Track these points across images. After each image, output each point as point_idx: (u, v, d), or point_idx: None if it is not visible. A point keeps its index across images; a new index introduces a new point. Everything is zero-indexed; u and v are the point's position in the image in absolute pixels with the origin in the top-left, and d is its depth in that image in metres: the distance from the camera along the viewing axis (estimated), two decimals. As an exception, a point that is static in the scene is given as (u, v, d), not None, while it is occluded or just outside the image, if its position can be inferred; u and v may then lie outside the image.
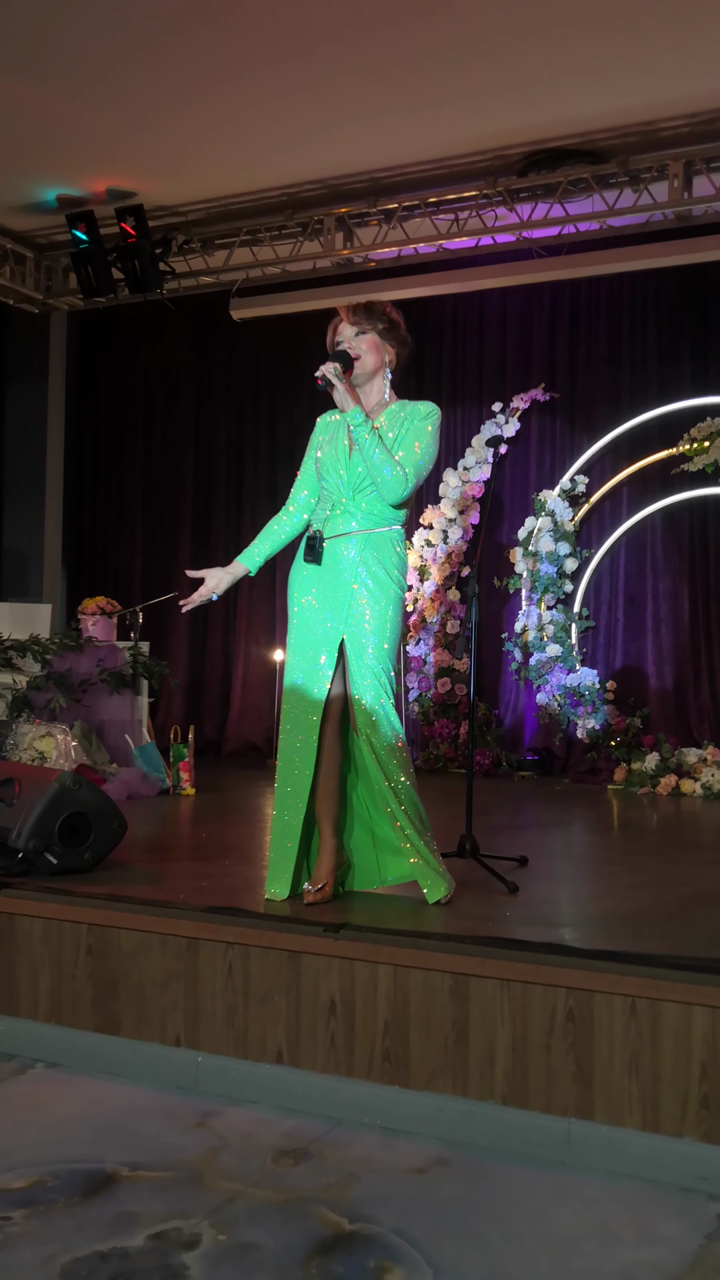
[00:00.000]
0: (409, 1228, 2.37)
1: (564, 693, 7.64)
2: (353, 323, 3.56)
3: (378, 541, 3.52)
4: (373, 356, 3.55)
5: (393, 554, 3.54)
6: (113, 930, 3.32)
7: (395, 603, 3.53)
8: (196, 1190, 2.52)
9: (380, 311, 3.59)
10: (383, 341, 3.57)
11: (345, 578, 3.50)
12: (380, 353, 3.57)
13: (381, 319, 3.58)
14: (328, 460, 3.57)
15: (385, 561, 3.52)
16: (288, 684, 3.58)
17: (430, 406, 3.56)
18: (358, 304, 3.63)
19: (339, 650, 3.51)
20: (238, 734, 8.85)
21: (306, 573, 3.57)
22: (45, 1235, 2.32)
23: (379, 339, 3.56)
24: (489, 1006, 2.86)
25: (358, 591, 3.49)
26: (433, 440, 3.52)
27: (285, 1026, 3.07)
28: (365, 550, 3.50)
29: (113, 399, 9.69)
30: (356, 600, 3.49)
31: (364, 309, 3.59)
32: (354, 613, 3.49)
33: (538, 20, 5.64)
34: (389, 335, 3.58)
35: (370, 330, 3.55)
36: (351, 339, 3.55)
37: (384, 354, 3.58)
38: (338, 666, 3.51)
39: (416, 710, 8.12)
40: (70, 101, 6.50)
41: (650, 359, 7.81)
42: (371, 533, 3.52)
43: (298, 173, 7.40)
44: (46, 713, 6.41)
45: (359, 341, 3.54)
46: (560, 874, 4.33)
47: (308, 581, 3.56)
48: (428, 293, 8.03)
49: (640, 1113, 2.70)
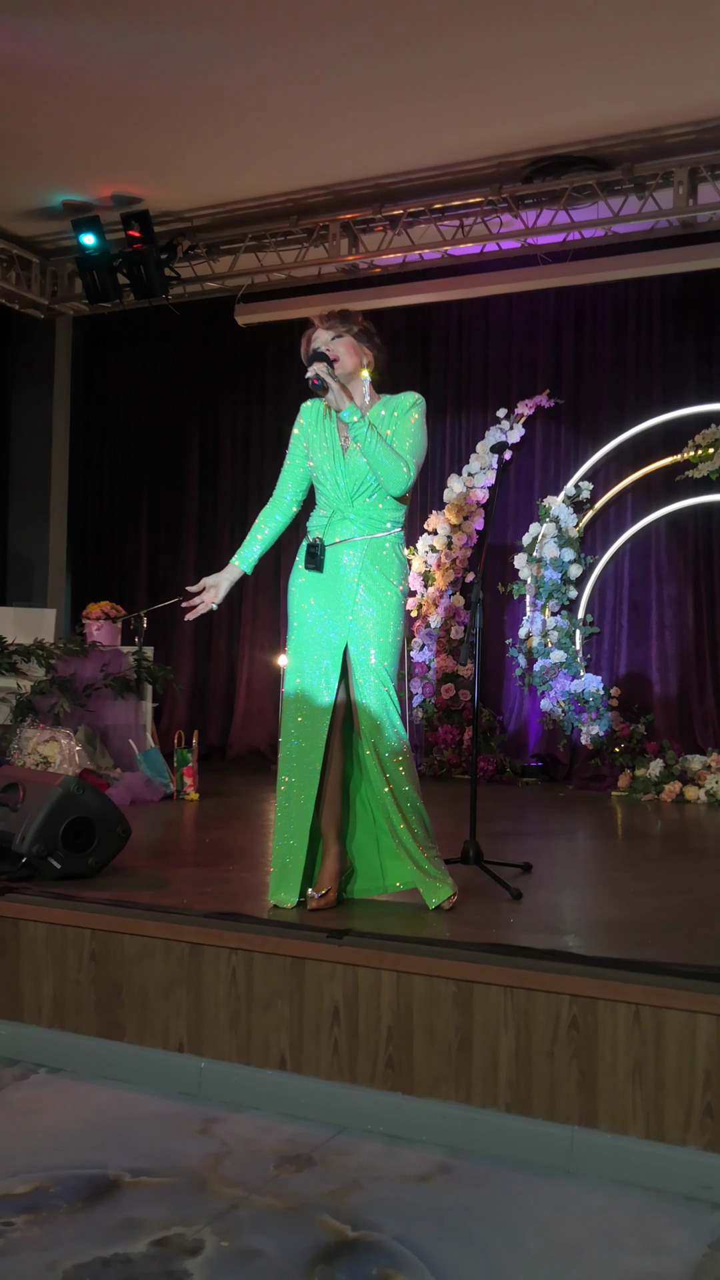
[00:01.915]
0: (412, 1235, 2.36)
1: (568, 699, 7.64)
2: (327, 327, 3.58)
3: (378, 547, 3.53)
4: (351, 358, 3.56)
5: (394, 558, 3.54)
6: (116, 935, 3.32)
7: (397, 608, 3.53)
8: (199, 1196, 2.52)
9: (353, 317, 3.62)
10: (358, 344, 3.58)
11: (346, 584, 3.51)
12: (358, 355, 3.58)
13: (355, 323, 3.61)
14: (321, 464, 3.58)
15: (386, 567, 3.52)
16: (289, 691, 3.57)
17: (414, 396, 3.58)
18: (331, 310, 3.65)
19: (342, 657, 3.51)
20: (241, 739, 8.85)
21: (307, 579, 3.57)
22: (48, 1241, 2.32)
23: (355, 341, 3.58)
24: (492, 1013, 2.85)
25: (359, 598, 3.50)
26: (421, 429, 3.54)
27: (288, 1032, 3.07)
28: (366, 556, 3.51)
29: (118, 404, 9.70)
30: (358, 607, 3.50)
31: (338, 315, 3.61)
32: (356, 619, 3.49)
33: (543, 28, 5.65)
34: (364, 338, 3.60)
35: (346, 334, 3.57)
36: (328, 343, 3.56)
37: (361, 356, 3.59)
38: (341, 673, 3.51)
39: (420, 716, 8.11)
40: (76, 107, 6.52)
41: (655, 365, 7.81)
42: (372, 538, 3.52)
43: (303, 179, 7.42)
44: (50, 717, 6.41)
45: (336, 344, 3.55)
46: (564, 881, 4.33)
47: (308, 588, 3.56)
48: (433, 299, 8.05)
49: (644, 1121, 2.70)
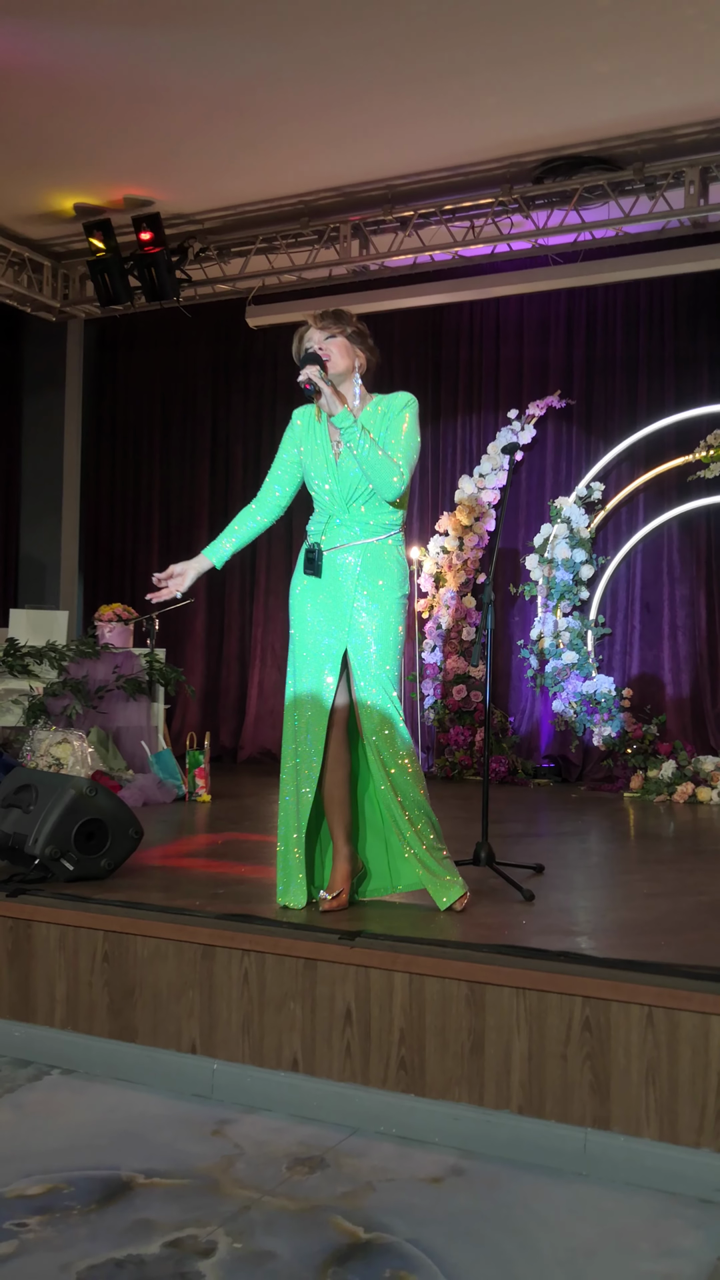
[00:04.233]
0: (424, 1237, 2.36)
1: (580, 700, 7.62)
2: (321, 327, 3.56)
3: (377, 551, 3.52)
4: (343, 359, 3.53)
5: (393, 562, 3.53)
6: (129, 937, 3.33)
7: (398, 611, 3.52)
8: (212, 1198, 2.52)
9: (348, 318, 3.60)
10: (351, 345, 3.56)
11: (346, 589, 3.50)
12: (350, 355, 3.55)
13: (349, 324, 3.58)
14: (314, 470, 3.57)
15: (386, 570, 3.51)
16: (290, 696, 3.57)
17: (407, 396, 3.55)
18: (325, 310, 3.63)
19: (343, 661, 3.51)
20: (253, 740, 8.86)
21: (306, 585, 3.56)
22: (61, 1242, 2.32)
23: (348, 342, 3.55)
24: (505, 1015, 2.85)
25: (359, 603, 3.48)
26: (415, 430, 3.51)
27: (300, 1034, 3.07)
28: (364, 560, 3.50)
29: (129, 407, 9.72)
30: (358, 612, 3.48)
31: (331, 315, 3.59)
32: (356, 624, 3.49)
33: (553, 28, 5.64)
34: (357, 339, 3.57)
35: (339, 334, 3.54)
36: (321, 342, 3.54)
37: (354, 357, 3.56)
38: (342, 677, 3.51)
39: (432, 717, 8.11)
40: (87, 111, 6.54)
41: (667, 365, 7.80)
42: (369, 542, 3.51)
43: (314, 180, 7.43)
44: (63, 719, 6.43)
45: (329, 344, 3.53)
46: (576, 882, 4.32)
47: (308, 594, 3.56)
48: (443, 300, 8.05)
49: (657, 1123, 2.69)
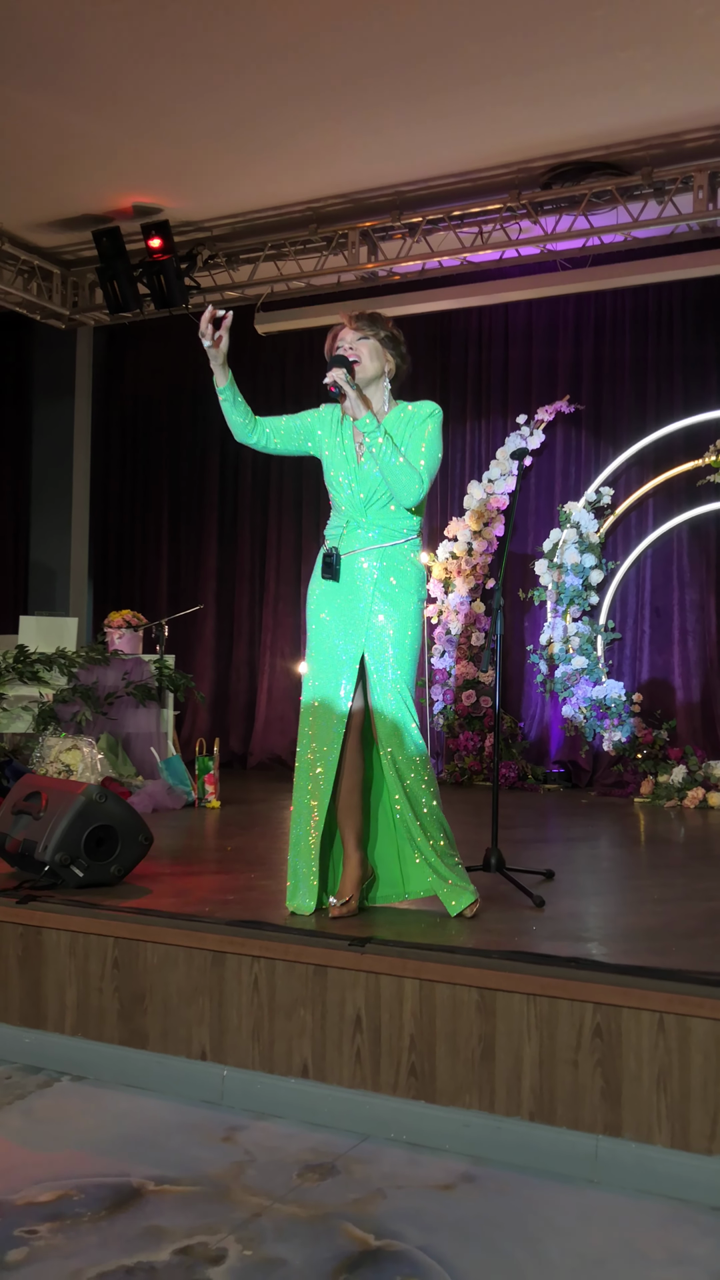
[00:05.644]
0: (435, 1244, 2.35)
1: (590, 705, 7.61)
2: (355, 328, 3.55)
3: (394, 555, 3.52)
4: (373, 362, 3.52)
5: (410, 566, 3.54)
6: (139, 943, 3.33)
7: (415, 616, 3.52)
8: (222, 1205, 2.52)
9: (383, 322, 3.59)
10: (383, 349, 3.55)
11: (363, 593, 3.50)
12: (380, 359, 3.54)
13: (384, 328, 3.57)
14: (333, 469, 3.57)
15: (403, 575, 3.51)
16: (306, 699, 3.57)
17: (432, 406, 3.54)
18: (361, 312, 3.62)
19: (359, 666, 3.51)
20: (263, 747, 8.86)
21: (324, 588, 3.56)
22: (71, 1249, 2.32)
23: (379, 345, 3.54)
24: (515, 1021, 2.84)
25: (377, 607, 3.49)
26: (438, 439, 3.51)
27: (311, 1040, 3.07)
28: (382, 564, 3.50)
29: (139, 413, 9.75)
30: (375, 616, 3.49)
31: (367, 317, 3.58)
32: (374, 628, 3.49)
33: (561, 34, 5.65)
34: (389, 344, 3.56)
35: (372, 337, 3.54)
36: (353, 343, 3.53)
37: (383, 362, 3.55)
38: (358, 682, 3.51)
39: (441, 723, 8.10)
40: (97, 119, 6.57)
41: (676, 370, 7.79)
42: (387, 546, 3.52)
43: (322, 187, 7.45)
44: (73, 726, 6.44)
45: (359, 345, 3.52)
46: (587, 888, 4.31)
47: (325, 598, 3.56)
48: (452, 305, 8.06)
49: (669, 1130, 2.68)
